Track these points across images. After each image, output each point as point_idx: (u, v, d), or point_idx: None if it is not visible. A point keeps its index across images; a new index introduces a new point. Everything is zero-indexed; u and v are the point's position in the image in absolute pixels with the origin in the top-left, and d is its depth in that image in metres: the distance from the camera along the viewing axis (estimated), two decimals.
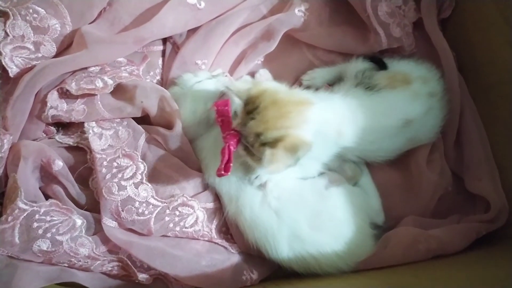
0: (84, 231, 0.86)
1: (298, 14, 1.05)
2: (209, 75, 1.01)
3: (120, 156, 0.90)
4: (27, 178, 0.85)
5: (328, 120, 0.85)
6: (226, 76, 1.02)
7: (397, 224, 0.96)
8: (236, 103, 0.86)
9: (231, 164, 0.80)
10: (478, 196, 0.98)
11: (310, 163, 0.90)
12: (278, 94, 0.81)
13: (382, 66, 0.98)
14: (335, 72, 1.03)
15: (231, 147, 0.81)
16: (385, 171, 1.01)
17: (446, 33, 1.07)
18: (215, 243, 0.93)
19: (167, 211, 0.89)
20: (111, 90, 0.91)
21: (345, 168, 0.97)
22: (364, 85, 0.93)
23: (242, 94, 0.83)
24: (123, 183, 0.87)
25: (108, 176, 0.87)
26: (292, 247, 0.87)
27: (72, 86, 0.89)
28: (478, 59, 1.02)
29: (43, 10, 0.90)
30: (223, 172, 0.79)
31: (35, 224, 0.81)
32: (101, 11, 0.97)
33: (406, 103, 0.92)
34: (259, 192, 0.88)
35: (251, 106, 0.81)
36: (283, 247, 0.87)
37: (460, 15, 1.06)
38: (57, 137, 0.92)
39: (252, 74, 1.08)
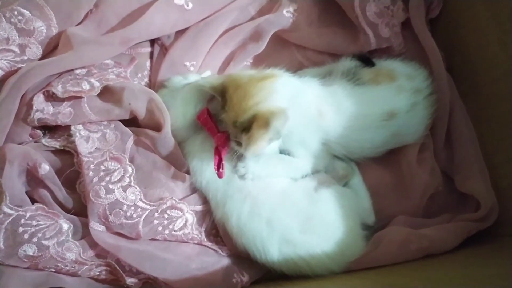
0: (71, 236, 0.84)
1: (286, 15, 1.05)
2: (198, 77, 1.00)
3: (108, 159, 0.89)
4: (12, 182, 0.84)
5: (301, 91, 0.87)
6: None
7: (388, 224, 0.95)
8: None
9: (223, 163, 0.83)
10: (468, 195, 0.98)
11: (298, 149, 0.90)
12: (240, 78, 0.84)
13: (369, 63, 0.99)
14: (325, 72, 1.02)
15: (220, 147, 0.84)
16: (375, 171, 1.00)
17: (436, 33, 1.07)
18: (205, 246, 0.92)
19: (156, 214, 0.88)
20: (98, 93, 0.90)
21: (336, 167, 0.97)
22: (348, 78, 0.94)
23: (217, 87, 0.85)
24: (110, 186, 0.86)
25: (95, 180, 0.86)
26: (282, 251, 0.86)
27: (58, 89, 0.88)
28: (468, 58, 1.02)
29: (28, 12, 0.89)
30: (217, 171, 0.84)
31: (21, 229, 0.80)
32: (87, 13, 0.96)
33: (390, 96, 0.93)
34: (248, 201, 0.87)
35: (223, 101, 0.84)
36: (273, 252, 0.86)
37: (450, 14, 1.06)
38: (43, 141, 0.91)
39: None
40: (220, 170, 0.85)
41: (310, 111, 0.87)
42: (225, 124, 0.84)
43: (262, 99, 0.81)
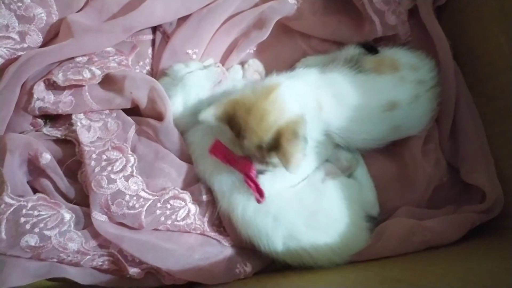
0: (73, 226, 0.84)
1: (291, 2, 1.03)
2: (200, 66, 0.99)
3: (109, 148, 0.88)
4: (13, 172, 0.83)
5: (300, 90, 0.85)
6: (218, 66, 1.00)
7: (391, 215, 0.95)
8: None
9: (262, 188, 0.81)
10: (473, 186, 0.97)
11: None
12: (246, 100, 0.80)
13: (373, 51, 0.97)
14: (329, 59, 1.01)
15: (251, 174, 0.81)
16: (380, 163, 1.00)
17: (442, 22, 1.05)
18: (208, 236, 0.91)
19: (158, 204, 0.87)
20: (99, 81, 0.89)
21: (341, 158, 0.96)
22: (350, 65, 0.92)
23: (221, 116, 0.81)
24: (112, 176, 0.86)
25: (97, 169, 0.86)
26: (287, 244, 0.86)
27: (59, 77, 0.87)
28: (474, 49, 1.00)
29: None
30: (260, 199, 0.81)
31: (23, 219, 0.80)
32: (88, 0, 0.94)
33: (391, 86, 0.91)
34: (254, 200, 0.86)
35: (236, 128, 0.80)
36: (278, 244, 0.86)
37: (457, 3, 1.04)
38: (44, 130, 0.90)
39: (244, 64, 1.06)
40: (262, 198, 0.82)
41: (310, 104, 0.85)
42: (247, 149, 0.80)
43: (278, 113, 0.79)
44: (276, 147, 0.77)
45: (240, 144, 0.81)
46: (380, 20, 1.02)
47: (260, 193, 0.81)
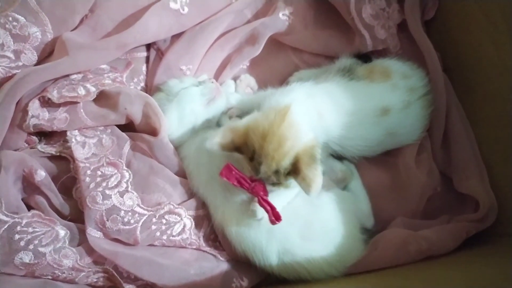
0: (67, 242, 0.84)
1: (282, 18, 1.05)
2: (195, 81, 1.00)
3: (104, 164, 0.88)
4: (8, 189, 0.83)
5: (306, 106, 0.86)
6: (212, 82, 1.01)
7: (386, 226, 0.95)
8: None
9: (278, 210, 0.79)
10: (467, 195, 0.98)
11: None
12: (260, 126, 0.80)
13: (366, 59, 0.99)
14: (321, 72, 1.03)
15: (264, 197, 0.80)
16: (374, 173, 1.00)
17: (431, 34, 1.08)
18: (204, 251, 0.91)
19: (154, 220, 0.87)
20: (94, 98, 0.90)
21: (335, 170, 0.96)
22: (342, 73, 0.94)
23: (228, 145, 0.81)
24: (107, 192, 0.86)
25: (92, 185, 0.85)
26: (282, 258, 0.85)
27: (54, 94, 0.88)
28: (463, 58, 1.02)
29: (23, 18, 0.88)
30: (276, 221, 0.79)
31: (17, 236, 0.79)
32: (82, 18, 0.96)
33: (384, 92, 0.93)
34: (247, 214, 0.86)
35: (248, 153, 0.81)
36: (272, 259, 0.85)
37: (444, 15, 1.07)
38: (39, 147, 0.90)
39: (237, 79, 1.07)
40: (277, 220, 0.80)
41: (313, 116, 0.86)
42: (264, 174, 0.79)
43: (295, 138, 0.79)
44: (294, 171, 0.78)
45: (253, 167, 0.81)
46: (370, 34, 1.04)
47: (276, 216, 0.79)
